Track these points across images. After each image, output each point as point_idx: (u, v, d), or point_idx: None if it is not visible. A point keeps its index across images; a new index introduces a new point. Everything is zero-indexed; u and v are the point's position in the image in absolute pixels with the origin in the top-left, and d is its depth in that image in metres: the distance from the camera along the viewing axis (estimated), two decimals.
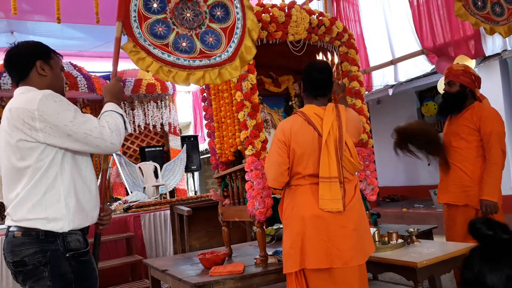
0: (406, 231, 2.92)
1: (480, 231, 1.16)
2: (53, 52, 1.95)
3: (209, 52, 2.29)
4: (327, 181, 2.14)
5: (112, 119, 1.86)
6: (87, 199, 1.84)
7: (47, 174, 1.74)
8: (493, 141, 2.89)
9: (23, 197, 1.72)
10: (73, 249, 1.76)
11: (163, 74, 2.17)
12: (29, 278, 1.72)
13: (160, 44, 2.18)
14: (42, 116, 1.70)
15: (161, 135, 7.99)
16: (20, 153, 1.73)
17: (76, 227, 1.78)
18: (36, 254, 1.69)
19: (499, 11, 3.27)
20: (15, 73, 1.89)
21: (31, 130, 1.71)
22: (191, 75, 2.23)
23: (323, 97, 2.31)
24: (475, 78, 3.07)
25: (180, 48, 2.23)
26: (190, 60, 2.23)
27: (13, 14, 3.62)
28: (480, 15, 3.23)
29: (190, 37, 2.27)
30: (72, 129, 1.73)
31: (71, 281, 1.74)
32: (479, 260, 1.14)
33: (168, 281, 2.86)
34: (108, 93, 2.03)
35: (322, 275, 2.14)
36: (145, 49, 2.14)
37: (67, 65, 6.68)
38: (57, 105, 1.74)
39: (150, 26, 2.17)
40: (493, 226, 1.16)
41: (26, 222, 1.71)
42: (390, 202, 8.58)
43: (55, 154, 1.75)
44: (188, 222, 4.43)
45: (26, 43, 1.92)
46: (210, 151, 3.38)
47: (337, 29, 3.11)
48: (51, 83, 1.89)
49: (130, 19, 2.13)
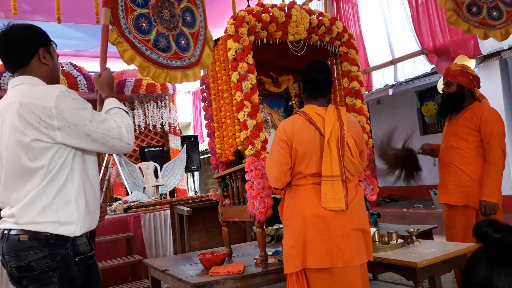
0: (406, 231, 2.92)
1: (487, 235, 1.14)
2: (51, 39, 1.83)
3: (181, 54, 2.39)
4: (330, 180, 2.15)
5: (124, 118, 1.78)
6: (93, 200, 1.76)
7: (58, 175, 1.64)
8: (493, 142, 2.88)
9: (32, 198, 1.61)
10: (82, 253, 1.68)
11: (142, 70, 2.20)
12: (35, 283, 1.62)
13: (143, 39, 2.20)
14: (60, 115, 1.60)
15: (161, 135, 8.00)
16: (33, 153, 1.61)
17: (86, 230, 1.71)
18: (45, 258, 1.60)
19: (496, 15, 3.26)
20: (14, 59, 1.73)
21: (48, 129, 1.60)
22: (167, 75, 2.31)
23: (323, 97, 2.32)
24: (473, 78, 3.07)
25: (159, 46, 2.27)
26: (168, 59, 2.30)
27: (13, 14, 3.62)
28: (474, 21, 3.22)
29: (168, 37, 2.33)
30: (91, 128, 1.64)
31: (79, 286, 1.67)
32: (485, 263, 1.13)
33: (168, 281, 2.86)
34: (105, 87, 1.94)
35: (323, 275, 2.14)
36: (129, 41, 2.14)
37: (67, 65, 6.68)
38: (75, 103, 1.64)
39: (135, 19, 2.18)
40: (500, 229, 1.14)
41: (35, 225, 1.60)
42: (390, 202, 8.58)
43: (67, 155, 1.66)
44: (188, 222, 4.43)
45: (25, 26, 1.76)
46: (210, 151, 3.37)
47: (337, 29, 3.11)
48: (50, 72, 1.78)
49: (118, 8, 2.11)
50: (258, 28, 2.79)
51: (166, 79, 2.30)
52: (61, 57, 6.91)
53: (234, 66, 2.74)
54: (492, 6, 3.25)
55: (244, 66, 2.70)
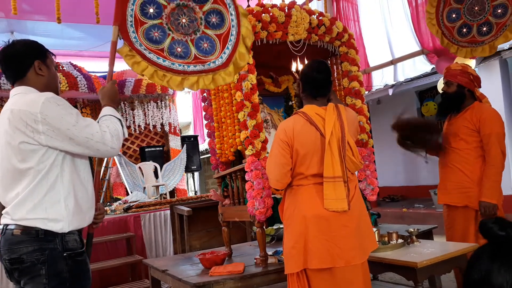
0: (406, 231, 2.92)
1: (492, 231, 1.15)
2: (48, 51, 1.97)
3: (203, 57, 2.33)
4: (331, 181, 2.14)
5: (112, 124, 1.90)
6: (84, 200, 1.87)
7: (48, 176, 1.75)
8: (493, 142, 2.88)
9: (23, 197, 1.73)
10: (70, 249, 1.78)
11: (158, 78, 2.20)
12: (25, 275, 1.74)
13: (155, 48, 2.21)
14: (45, 119, 1.72)
15: (161, 135, 7.99)
16: (22, 155, 1.74)
17: (74, 228, 1.81)
18: (35, 252, 1.72)
19: (486, 30, 3.42)
20: (12, 72, 1.89)
21: (33, 133, 1.72)
22: (185, 80, 2.27)
23: (323, 97, 2.31)
24: (474, 77, 3.07)
25: (175, 53, 2.26)
26: (184, 65, 2.27)
27: (13, 14, 3.62)
28: (463, 41, 3.49)
29: (185, 43, 2.30)
30: (74, 133, 1.75)
31: (66, 280, 1.76)
32: (488, 259, 1.13)
33: (168, 281, 2.86)
34: (105, 97, 2.06)
35: (324, 275, 2.13)
36: (140, 53, 2.17)
37: (67, 65, 6.67)
38: (60, 109, 1.76)
39: (146, 31, 2.21)
40: (505, 227, 1.15)
41: (26, 221, 1.73)
42: (390, 202, 8.59)
43: (56, 157, 1.77)
44: (188, 222, 4.43)
45: (23, 42, 1.92)
46: (210, 151, 3.37)
47: (337, 29, 3.11)
48: (47, 83, 1.91)
49: (127, 24, 2.17)
50: (258, 28, 2.79)
51: (184, 84, 2.25)
52: (61, 57, 6.94)
53: None
54: (482, 23, 3.43)
55: (244, 66, 2.70)
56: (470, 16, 3.44)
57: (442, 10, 3.54)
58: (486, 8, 3.39)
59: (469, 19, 3.44)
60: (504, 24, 3.34)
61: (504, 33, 3.35)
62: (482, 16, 3.40)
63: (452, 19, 3.52)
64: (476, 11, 3.42)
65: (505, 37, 3.35)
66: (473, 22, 3.43)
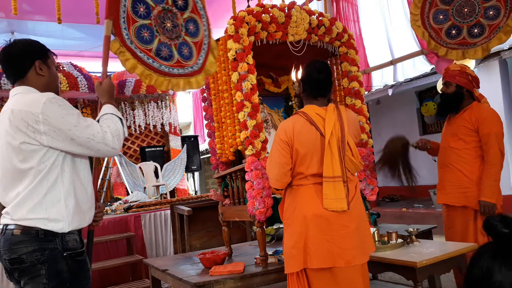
0: (405, 231, 2.93)
1: (495, 228, 1.16)
2: (49, 51, 1.96)
3: (184, 62, 2.46)
4: (331, 181, 2.15)
5: (112, 123, 1.90)
6: (84, 200, 1.87)
7: (48, 176, 1.76)
8: (492, 142, 2.89)
9: (24, 197, 1.73)
10: (70, 249, 1.78)
11: (144, 78, 2.27)
12: (25, 275, 1.74)
13: (145, 48, 2.28)
14: (46, 120, 1.72)
15: (162, 135, 8.00)
16: (23, 155, 1.74)
17: (74, 228, 1.81)
18: (35, 252, 1.72)
19: (477, 32, 3.35)
20: (12, 72, 1.89)
21: (34, 133, 1.72)
22: (169, 82, 2.37)
23: (323, 97, 2.31)
24: (472, 78, 3.07)
25: (161, 55, 2.35)
26: (169, 67, 2.37)
27: (13, 14, 3.63)
28: (453, 43, 3.42)
29: (170, 46, 2.41)
30: (75, 133, 1.76)
31: (66, 280, 1.76)
32: (490, 257, 1.14)
33: (169, 280, 2.87)
34: (105, 94, 2.06)
35: (324, 274, 2.14)
36: (131, 51, 2.22)
37: (67, 65, 6.67)
38: (61, 109, 1.76)
39: (137, 29, 2.26)
40: (509, 224, 1.15)
41: (26, 221, 1.73)
42: (390, 202, 8.59)
43: (56, 157, 1.77)
44: (188, 222, 4.43)
45: (24, 41, 1.91)
46: (210, 151, 3.38)
47: (337, 30, 3.12)
48: (48, 83, 1.91)
49: (120, 19, 2.20)
50: (258, 29, 2.80)
51: (168, 86, 2.37)
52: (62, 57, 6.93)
53: (234, 66, 2.75)
54: (473, 24, 3.36)
55: (244, 66, 2.71)
56: (460, 18, 3.38)
57: (428, 11, 3.48)
58: (476, 10, 3.33)
59: (458, 20, 3.38)
60: (497, 26, 3.28)
61: (497, 35, 3.29)
62: (472, 18, 3.34)
63: (440, 21, 3.45)
64: (466, 12, 3.36)
65: (498, 39, 3.29)
66: (463, 24, 3.37)
